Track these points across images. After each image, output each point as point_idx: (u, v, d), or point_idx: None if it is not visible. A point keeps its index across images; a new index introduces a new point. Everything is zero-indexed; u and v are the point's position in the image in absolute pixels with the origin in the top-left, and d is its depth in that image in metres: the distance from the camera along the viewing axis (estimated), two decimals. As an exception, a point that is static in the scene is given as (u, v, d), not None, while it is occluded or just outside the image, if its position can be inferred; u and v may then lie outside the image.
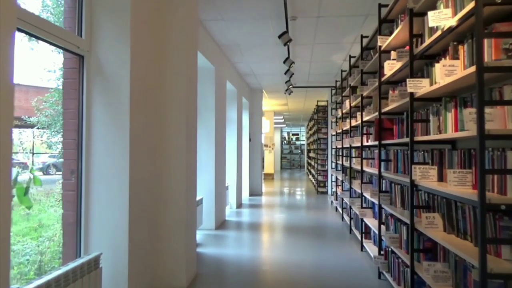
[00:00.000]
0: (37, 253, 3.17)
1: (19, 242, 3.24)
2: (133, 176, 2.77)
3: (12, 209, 3.31)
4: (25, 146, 3.21)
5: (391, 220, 3.36)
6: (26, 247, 3.29)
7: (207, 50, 5.21)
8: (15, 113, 2.80)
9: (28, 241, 3.35)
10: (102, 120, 2.74)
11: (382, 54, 3.62)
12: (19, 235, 3.37)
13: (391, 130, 3.57)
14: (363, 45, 4.67)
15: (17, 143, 3.19)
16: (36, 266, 3.14)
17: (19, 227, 3.47)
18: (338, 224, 6.18)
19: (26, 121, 2.88)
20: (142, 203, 2.95)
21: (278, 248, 4.74)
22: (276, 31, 4.86)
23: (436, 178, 2.46)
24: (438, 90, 2.34)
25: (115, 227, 2.71)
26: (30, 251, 3.23)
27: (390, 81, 3.54)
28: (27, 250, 3.28)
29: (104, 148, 2.73)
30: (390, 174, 3.40)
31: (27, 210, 3.44)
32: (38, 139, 3.07)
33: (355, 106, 5.39)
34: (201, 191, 5.65)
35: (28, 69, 2.77)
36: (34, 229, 3.19)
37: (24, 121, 2.88)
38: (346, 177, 6.00)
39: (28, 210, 2.84)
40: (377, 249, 4.04)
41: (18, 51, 1.80)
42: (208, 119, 5.68)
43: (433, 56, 2.57)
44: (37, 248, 3.12)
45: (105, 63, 2.75)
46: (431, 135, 2.54)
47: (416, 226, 2.60)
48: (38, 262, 3.12)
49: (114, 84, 2.75)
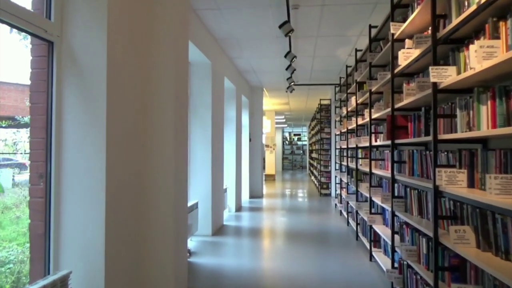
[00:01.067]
0: (18, 262, 2.85)
1: (5, 248, 2.95)
2: (110, 181, 2.39)
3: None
4: (19, 147, 3.14)
5: (406, 230, 2.97)
6: (11, 254, 2.98)
7: (203, 43, 4.83)
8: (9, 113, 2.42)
9: (15, 247, 3.04)
10: (74, 116, 2.37)
11: (394, 43, 3.24)
12: (5, 240, 3.05)
13: (405, 128, 3.19)
14: (372, 36, 4.29)
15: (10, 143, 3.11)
16: (13, 278, 2.81)
17: (6, 232, 3.17)
18: (343, 229, 5.79)
19: (20, 121, 2.75)
20: (122, 211, 2.57)
21: (280, 257, 4.36)
22: (276, 22, 4.48)
23: (465, 183, 2.08)
24: (469, 79, 1.96)
25: (88, 240, 2.33)
26: (14, 258, 2.93)
27: (404, 73, 3.16)
28: (11, 257, 2.97)
29: (76, 149, 2.36)
30: (405, 177, 3.01)
31: (16, 214, 3.17)
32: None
33: (362, 103, 5.01)
34: (197, 195, 5.27)
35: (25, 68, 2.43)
36: (23, 233, 2.89)
37: (18, 121, 2.75)
38: (352, 179, 5.61)
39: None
40: (389, 260, 3.66)
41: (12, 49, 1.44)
42: (204, 117, 5.30)
43: (461, 39, 2.18)
44: (23, 254, 2.81)
45: (78, 50, 2.38)
46: (458, 132, 2.16)
47: (441, 240, 2.21)
48: (16, 273, 2.79)
49: (88, 75, 2.37)
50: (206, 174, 5.30)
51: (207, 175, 5.31)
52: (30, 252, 2.41)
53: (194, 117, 5.28)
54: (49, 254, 2.34)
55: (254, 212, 7.39)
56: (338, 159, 7.73)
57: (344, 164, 6.59)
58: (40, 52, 2.43)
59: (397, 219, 3.28)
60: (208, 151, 5.30)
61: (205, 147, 5.30)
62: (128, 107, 2.66)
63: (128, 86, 2.66)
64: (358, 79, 5.05)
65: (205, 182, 5.31)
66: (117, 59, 2.49)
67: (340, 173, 6.99)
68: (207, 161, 5.30)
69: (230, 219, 6.66)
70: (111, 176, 2.39)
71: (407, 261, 2.77)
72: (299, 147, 24.99)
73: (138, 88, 2.82)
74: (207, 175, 5.30)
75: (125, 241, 2.62)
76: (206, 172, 5.30)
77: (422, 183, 2.58)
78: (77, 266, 2.33)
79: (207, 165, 5.30)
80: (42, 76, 2.41)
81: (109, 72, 2.39)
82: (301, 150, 24.83)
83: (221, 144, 6.07)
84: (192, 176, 5.28)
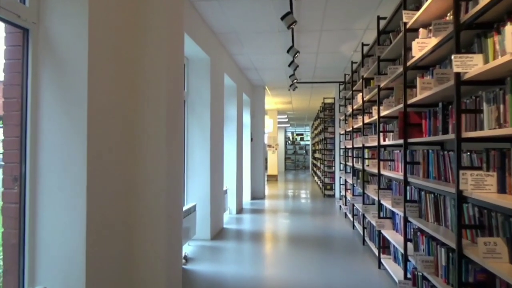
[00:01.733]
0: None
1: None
2: (93, 184, 2.14)
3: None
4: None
5: (421, 238, 2.71)
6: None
7: (201, 38, 4.58)
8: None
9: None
10: (52, 112, 2.12)
11: (407, 33, 2.97)
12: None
13: (418, 126, 2.92)
14: (380, 28, 4.02)
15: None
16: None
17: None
18: (349, 233, 5.52)
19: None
20: (106, 217, 2.32)
21: (282, 263, 4.10)
22: (278, 14, 4.21)
23: (495, 188, 1.81)
24: (500, 67, 1.69)
25: (68, 250, 2.08)
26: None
27: (417, 66, 2.89)
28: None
29: (54, 148, 2.11)
30: (419, 179, 2.75)
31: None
32: None
33: (369, 101, 4.74)
34: (195, 197, 5.02)
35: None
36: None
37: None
38: (358, 180, 5.34)
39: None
40: (399, 269, 3.40)
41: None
42: (202, 115, 5.04)
43: (488, 24, 1.91)
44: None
45: (57, 38, 2.13)
46: (485, 130, 1.89)
47: (466, 253, 1.95)
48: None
49: (68, 66, 2.12)
50: (205, 175, 5.05)
51: (205, 176, 5.05)
52: (3, 264, 2.17)
53: (192, 115, 5.03)
54: (24, 266, 2.10)
55: (255, 214, 7.13)
56: (342, 159, 7.47)
57: (349, 164, 6.32)
58: (14, 41, 2.18)
59: (409, 225, 3.02)
60: (206, 151, 5.05)
61: (204, 147, 5.05)
62: (113, 103, 2.40)
63: (113, 80, 2.40)
64: (365, 75, 4.78)
65: (204, 183, 5.05)
66: (100, 49, 2.24)
67: (345, 174, 6.72)
68: (206, 161, 5.04)
69: (231, 221, 6.41)
70: (93, 179, 2.14)
71: (423, 272, 2.51)
72: (301, 147, 24.73)
73: (125, 82, 2.56)
74: (206, 176, 5.05)
75: (111, 250, 2.37)
76: (205, 173, 5.04)
77: (440, 187, 2.31)
78: (56, 280, 2.08)
79: (205, 166, 5.05)
80: (16, 68, 2.16)
81: (91, 63, 2.14)
82: (304, 150, 24.56)
83: (220, 144, 5.81)
84: (190, 177, 5.03)
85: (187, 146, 5.04)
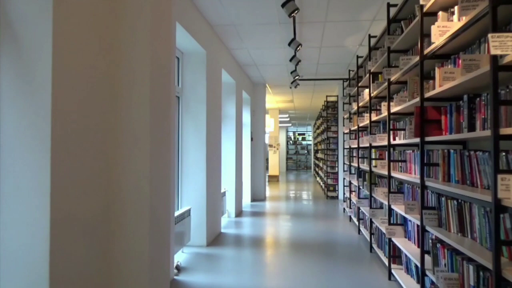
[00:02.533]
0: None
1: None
2: (57, 183, 1.81)
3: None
4: None
5: (441, 250, 2.37)
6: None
7: (196, 29, 4.25)
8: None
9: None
10: (10, 100, 1.79)
11: (424, 17, 2.63)
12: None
13: (437, 123, 2.58)
14: (391, 16, 3.68)
15: None
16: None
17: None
18: (354, 238, 5.18)
19: None
20: (76, 225, 1.99)
21: (283, 273, 3.76)
22: (279, 2, 3.88)
23: (544, 197, 1.48)
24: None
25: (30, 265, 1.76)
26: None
27: (436, 55, 2.55)
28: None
29: (14, 142, 1.78)
30: (438, 183, 2.41)
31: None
32: None
33: (377, 97, 4.40)
34: (189, 200, 4.69)
35: None
36: None
37: None
38: (364, 182, 5.00)
39: None
40: (412, 281, 3.06)
41: None
42: (197, 113, 4.71)
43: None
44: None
45: (16, 16, 1.80)
46: (529, 125, 1.55)
47: (505, 275, 1.61)
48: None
49: (29, 48, 1.80)
50: (201, 177, 4.72)
51: (201, 178, 4.72)
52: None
53: (187, 112, 4.70)
54: (-24, 287, 1.77)
55: (255, 218, 6.80)
56: (346, 159, 7.13)
57: (353, 165, 5.99)
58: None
59: (427, 235, 2.68)
60: (202, 151, 4.72)
61: (199, 147, 4.71)
62: (83, 93, 2.07)
63: (84, 68, 2.07)
64: (372, 69, 4.44)
65: (200, 185, 4.72)
66: (68, 31, 1.91)
67: (349, 175, 6.38)
68: (201, 162, 4.71)
69: (229, 225, 6.08)
70: (58, 177, 1.81)
71: (445, 291, 2.17)
72: (303, 147, 24.38)
73: (100, 71, 2.23)
74: (202, 177, 4.72)
75: (83, 263, 2.04)
76: (200, 174, 4.71)
77: (468, 193, 1.97)
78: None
79: (201, 167, 4.71)
80: (-31, 53, 1.84)
81: (56, 47, 1.81)
82: (306, 150, 24.21)
83: (218, 144, 5.48)
84: (184, 179, 4.70)
85: (181, 146, 4.72)
